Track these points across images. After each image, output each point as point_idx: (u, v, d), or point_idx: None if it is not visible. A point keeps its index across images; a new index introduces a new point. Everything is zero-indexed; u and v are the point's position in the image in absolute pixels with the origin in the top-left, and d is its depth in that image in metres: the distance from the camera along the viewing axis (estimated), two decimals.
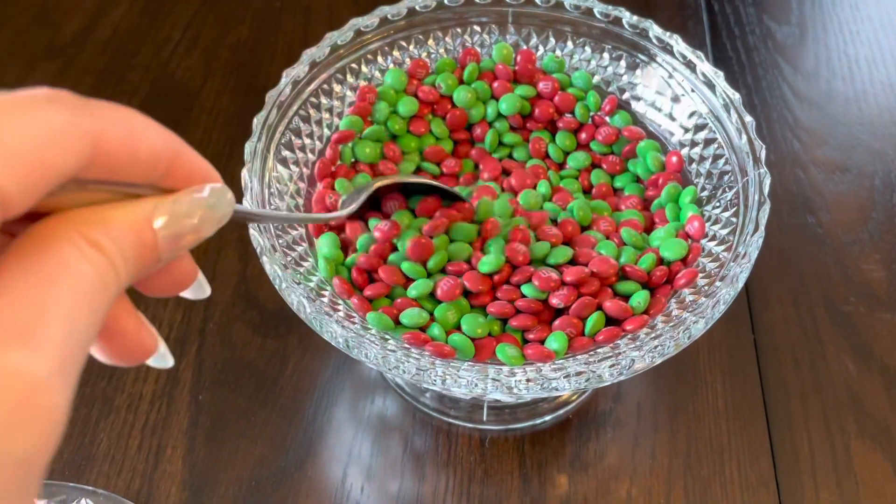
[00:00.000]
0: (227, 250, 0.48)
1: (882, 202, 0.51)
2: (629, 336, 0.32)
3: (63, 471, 0.40)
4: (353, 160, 0.39)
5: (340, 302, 0.33)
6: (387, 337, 0.32)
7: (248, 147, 0.35)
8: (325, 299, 0.33)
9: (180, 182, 0.18)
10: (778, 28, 0.61)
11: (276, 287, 0.32)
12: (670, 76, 0.40)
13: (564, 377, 0.29)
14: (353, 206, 0.34)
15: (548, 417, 0.42)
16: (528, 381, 0.29)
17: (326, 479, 0.40)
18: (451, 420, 0.42)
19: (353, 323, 0.32)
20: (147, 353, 0.20)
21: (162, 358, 0.21)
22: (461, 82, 0.41)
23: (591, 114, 0.41)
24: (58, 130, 0.15)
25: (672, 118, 0.40)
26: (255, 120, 0.36)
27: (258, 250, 0.32)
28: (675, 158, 0.38)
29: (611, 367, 0.29)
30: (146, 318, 0.20)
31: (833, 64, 0.59)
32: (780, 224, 0.50)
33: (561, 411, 0.42)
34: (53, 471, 0.40)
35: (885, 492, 0.39)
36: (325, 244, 0.35)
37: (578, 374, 0.29)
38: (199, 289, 0.21)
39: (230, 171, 0.33)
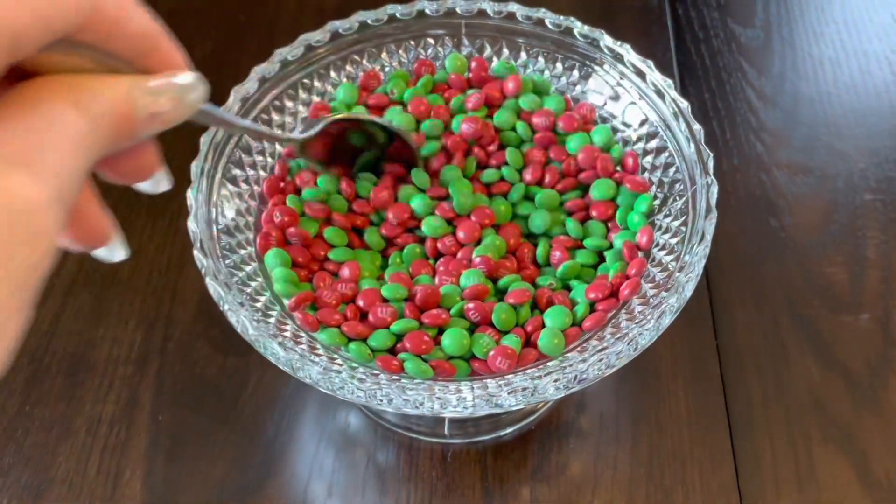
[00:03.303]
0: (189, 267, 0.48)
1: (844, 204, 0.51)
2: (576, 349, 0.32)
3: (21, 495, 0.39)
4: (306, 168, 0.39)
5: (288, 322, 0.33)
6: (335, 357, 0.32)
7: (195, 167, 0.35)
8: (272, 320, 0.32)
9: (157, 66, 0.20)
10: (742, 31, 0.61)
11: (221, 309, 0.31)
12: (619, 84, 0.39)
13: (510, 393, 0.29)
14: (310, 132, 0.35)
15: (511, 429, 0.42)
16: (474, 398, 0.29)
17: (288, 496, 0.40)
18: (413, 435, 0.42)
19: (300, 343, 0.32)
20: (103, 240, 0.21)
21: (112, 250, 0.22)
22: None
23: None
24: None
25: (624, 126, 0.39)
26: (202, 139, 0.36)
27: (202, 271, 0.32)
28: (630, 160, 0.38)
29: (555, 381, 0.29)
30: (107, 207, 0.21)
31: (797, 66, 0.59)
32: (742, 227, 0.50)
33: (524, 422, 0.42)
34: (10, 495, 0.39)
35: (847, 497, 0.39)
36: (274, 260, 0.35)
37: (524, 389, 0.29)
38: (156, 182, 0.23)
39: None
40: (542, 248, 0.36)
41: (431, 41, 0.42)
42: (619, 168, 0.38)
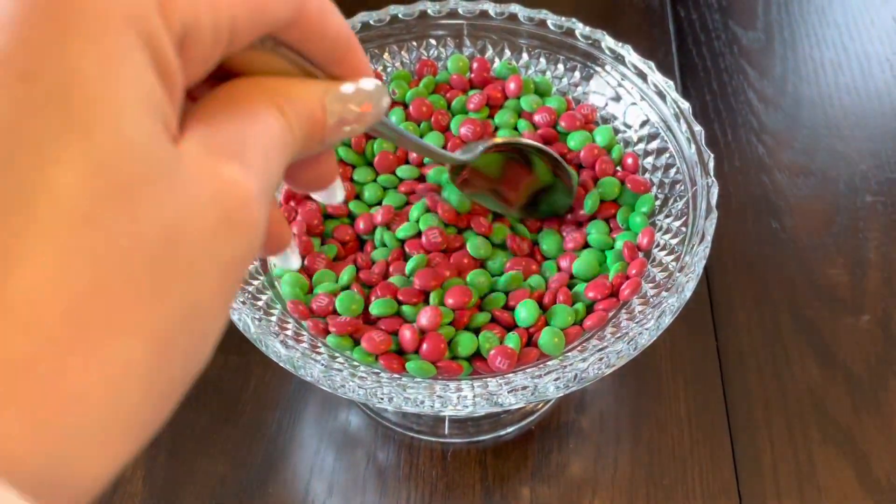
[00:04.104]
0: None
1: (846, 206, 0.51)
2: (577, 348, 0.32)
3: None
4: None
5: (289, 320, 0.33)
6: (336, 355, 0.32)
7: None
8: (274, 318, 0.32)
9: (347, 73, 0.20)
10: (744, 33, 0.61)
11: None
12: (620, 85, 0.40)
13: (510, 391, 0.29)
14: (474, 154, 0.34)
15: (511, 429, 0.42)
16: (474, 396, 0.29)
17: (289, 495, 0.40)
18: (413, 434, 0.42)
19: (302, 342, 0.32)
20: (282, 245, 0.22)
21: (286, 258, 0.22)
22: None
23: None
24: None
25: (625, 127, 0.40)
26: None
27: None
28: (630, 160, 0.38)
29: (556, 380, 0.29)
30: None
31: (798, 68, 0.59)
32: (743, 229, 0.50)
33: (524, 422, 0.42)
34: None
35: (847, 497, 0.39)
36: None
37: (524, 388, 0.29)
38: (333, 192, 0.23)
39: None
40: (547, 244, 0.37)
41: (433, 42, 0.43)
42: (619, 168, 0.39)
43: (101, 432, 0.13)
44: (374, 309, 0.33)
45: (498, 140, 0.35)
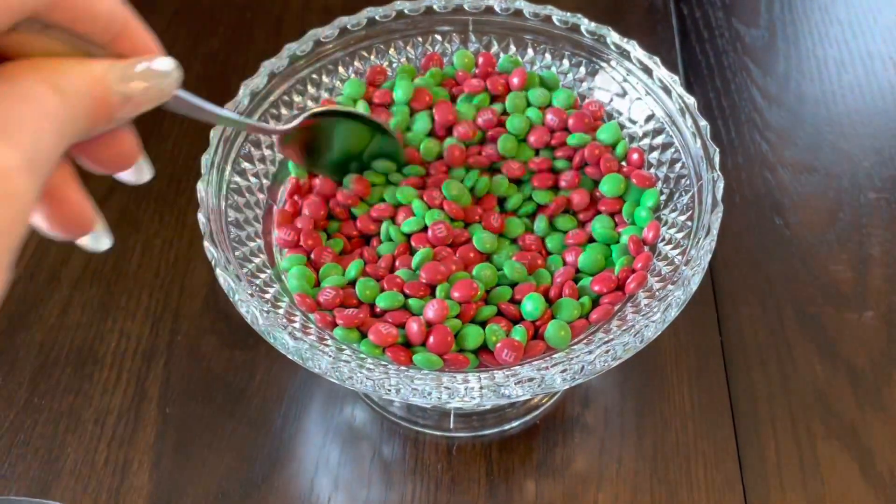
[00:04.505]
0: (197, 261, 0.48)
1: (849, 203, 0.51)
2: (583, 341, 0.32)
3: (30, 487, 0.40)
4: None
5: (297, 313, 0.33)
6: (343, 347, 0.32)
7: (205, 159, 0.35)
8: (281, 311, 0.33)
9: (128, 51, 0.20)
10: (747, 31, 0.62)
11: (231, 299, 0.32)
12: (626, 80, 0.40)
13: (517, 383, 0.29)
14: (292, 124, 0.34)
15: (515, 423, 0.42)
16: (481, 388, 0.30)
17: (294, 489, 0.40)
18: (419, 428, 0.42)
19: (309, 334, 0.32)
20: (86, 227, 0.21)
21: (97, 239, 0.22)
22: None
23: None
24: None
25: (630, 122, 0.40)
26: (211, 132, 0.36)
27: (212, 262, 0.32)
28: (636, 156, 0.38)
29: (562, 372, 0.29)
30: (89, 196, 0.21)
31: (802, 66, 0.59)
32: (747, 226, 0.50)
33: (528, 416, 0.42)
34: (19, 487, 0.40)
35: (850, 492, 0.40)
36: (291, 261, 0.35)
37: (531, 379, 0.29)
38: (139, 171, 0.23)
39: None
40: (552, 241, 0.37)
41: (439, 37, 0.43)
42: (624, 163, 0.39)
43: None
44: (381, 302, 0.33)
45: (315, 109, 0.35)
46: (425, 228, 0.36)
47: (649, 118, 0.39)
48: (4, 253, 0.17)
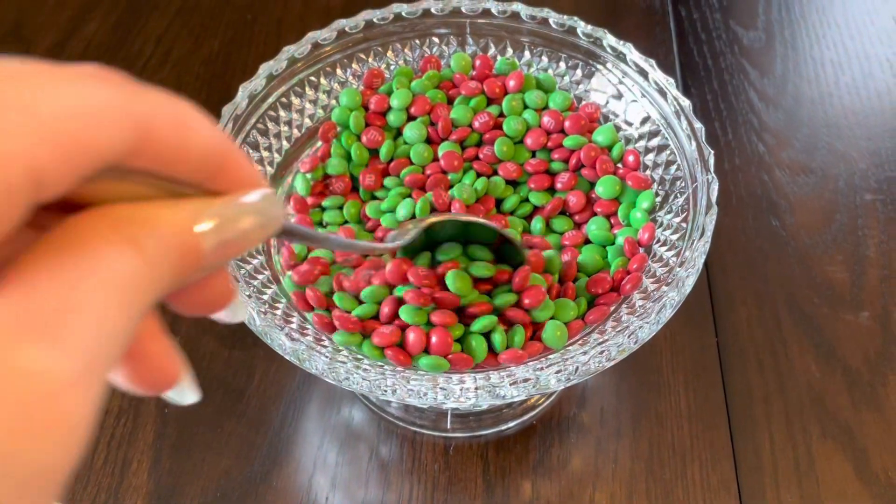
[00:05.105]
0: None
1: (845, 204, 0.51)
2: (578, 342, 0.32)
3: None
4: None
5: (294, 313, 0.33)
6: (340, 348, 0.32)
7: None
8: (279, 312, 0.33)
9: (227, 186, 0.17)
10: (744, 33, 0.62)
11: None
12: (621, 83, 0.40)
13: (512, 384, 0.30)
14: (406, 239, 0.32)
15: (512, 423, 0.42)
16: (476, 388, 0.30)
17: (292, 488, 0.40)
18: (416, 428, 0.42)
19: (306, 335, 0.32)
20: (170, 382, 0.18)
21: (181, 392, 0.18)
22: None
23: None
24: (103, 107, 0.14)
25: (626, 125, 0.40)
26: None
27: None
28: (631, 158, 0.39)
29: (557, 373, 0.30)
30: (175, 344, 0.18)
31: (799, 67, 0.59)
32: (744, 227, 0.50)
33: (525, 417, 0.42)
34: None
35: (846, 492, 0.40)
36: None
37: (526, 380, 0.30)
38: (234, 311, 0.19)
39: None
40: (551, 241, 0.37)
41: (436, 40, 0.43)
42: (620, 165, 0.39)
43: None
44: (405, 315, 0.33)
45: (432, 219, 0.33)
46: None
47: (645, 120, 0.39)
48: (52, 492, 0.13)
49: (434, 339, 0.32)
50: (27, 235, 0.15)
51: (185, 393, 0.18)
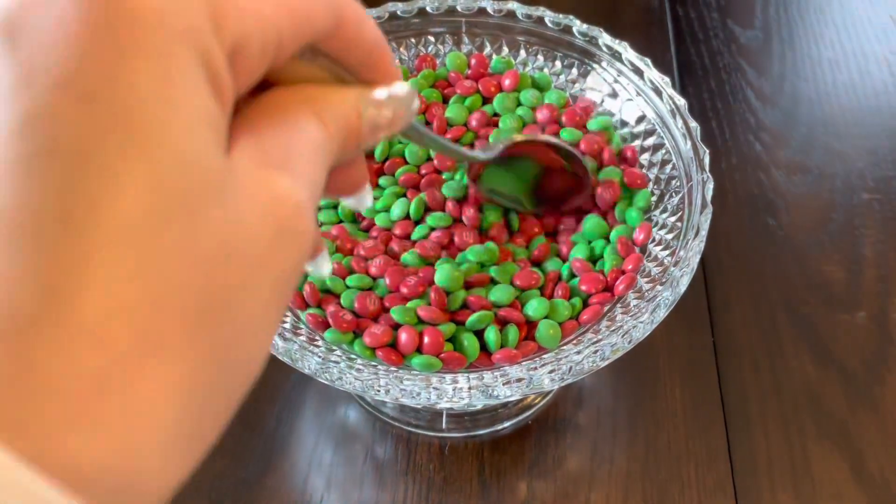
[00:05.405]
0: None
1: (842, 203, 0.51)
2: (572, 341, 0.32)
3: None
4: None
5: (288, 313, 0.33)
6: (333, 348, 0.32)
7: None
8: None
9: (379, 78, 0.20)
10: (742, 32, 0.62)
11: None
12: (617, 81, 0.40)
13: (505, 384, 0.29)
14: (493, 153, 0.34)
15: (508, 424, 0.42)
16: (470, 388, 0.30)
17: (287, 489, 0.40)
18: (411, 429, 0.42)
19: (300, 335, 0.32)
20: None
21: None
22: None
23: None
24: None
25: (622, 123, 0.40)
26: None
27: None
28: (629, 153, 0.39)
29: (550, 372, 0.29)
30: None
31: (796, 66, 0.59)
32: (740, 226, 0.50)
33: (521, 417, 0.42)
34: None
35: (841, 493, 0.40)
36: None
37: (519, 380, 0.30)
38: (362, 198, 0.23)
39: None
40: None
41: (432, 39, 0.43)
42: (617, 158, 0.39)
43: (166, 447, 0.14)
44: (396, 315, 0.33)
45: (518, 138, 0.35)
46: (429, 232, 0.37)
47: (640, 119, 0.39)
48: (289, 292, 0.16)
49: (426, 339, 0.32)
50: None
51: (321, 264, 0.22)
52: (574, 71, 0.41)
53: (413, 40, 0.43)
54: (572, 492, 0.40)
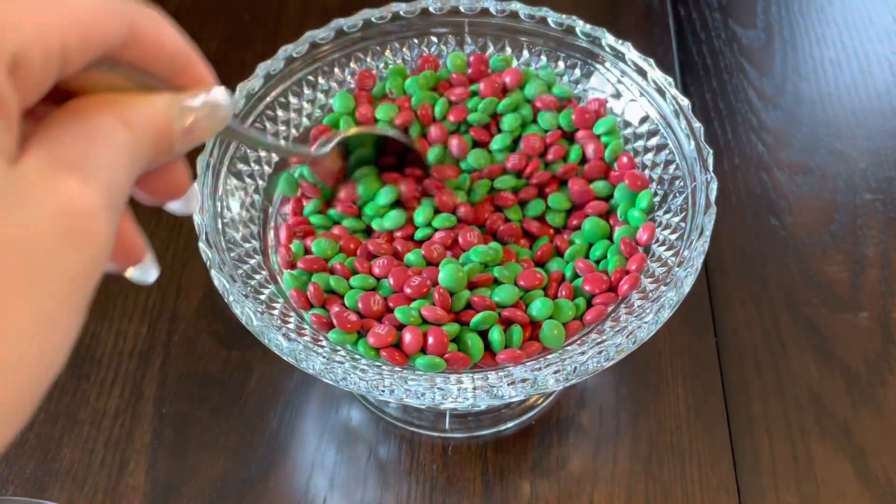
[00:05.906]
0: (193, 262, 0.48)
1: (844, 203, 0.51)
2: (576, 342, 0.32)
3: (26, 487, 0.40)
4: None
5: (292, 313, 0.33)
6: (337, 348, 0.32)
7: (201, 161, 0.35)
8: (276, 312, 0.33)
9: (187, 83, 0.20)
10: (744, 32, 0.62)
11: (225, 300, 0.32)
12: (620, 82, 0.40)
13: (510, 384, 0.29)
14: (325, 149, 0.35)
15: (511, 424, 0.42)
16: (474, 389, 0.30)
17: (290, 489, 0.40)
18: (414, 429, 0.42)
19: (304, 335, 0.32)
20: (138, 257, 0.22)
21: (145, 270, 0.22)
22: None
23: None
24: (106, 7, 0.18)
25: (625, 124, 0.40)
26: None
27: (207, 263, 0.32)
28: (625, 159, 0.39)
29: (555, 373, 0.29)
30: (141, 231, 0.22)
31: (798, 67, 0.59)
32: (743, 226, 0.50)
33: (524, 417, 0.42)
34: (16, 486, 0.40)
35: (845, 492, 0.40)
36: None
37: (524, 380, 0.30)
38: (188, 201, 0.23)
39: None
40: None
41: (435, 39, 0.43)
42: (614, 168, 0.39)
43: None
44: (400, 315, 0.33)
45: (350, 132, 0.37)
46: (433, 232, 0.37)
47: (644, 120, 0.39)
48: (81, 296, 0.17)
49: (431, 339, 0.32)
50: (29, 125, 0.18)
51: (148, 270, 0.22)
52: (577, 71, 0.41)
53: (416, 41, 0.43)
54: (575, 492, 0.40)
